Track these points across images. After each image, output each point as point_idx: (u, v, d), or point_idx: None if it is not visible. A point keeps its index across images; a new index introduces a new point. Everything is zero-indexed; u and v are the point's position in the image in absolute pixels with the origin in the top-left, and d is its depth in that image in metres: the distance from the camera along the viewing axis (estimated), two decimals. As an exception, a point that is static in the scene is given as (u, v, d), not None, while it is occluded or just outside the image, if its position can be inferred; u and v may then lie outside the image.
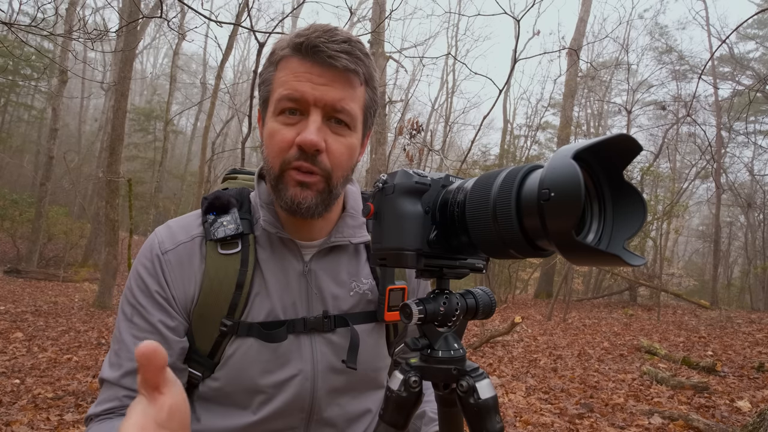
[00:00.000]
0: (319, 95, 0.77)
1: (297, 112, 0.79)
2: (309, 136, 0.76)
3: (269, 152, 0.81)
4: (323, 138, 0.78)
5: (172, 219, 0.91)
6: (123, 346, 0.81)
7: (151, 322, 0.81)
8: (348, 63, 0.77)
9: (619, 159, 0.51)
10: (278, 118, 0.80)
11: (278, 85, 0.80)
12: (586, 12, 16.70)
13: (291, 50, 0.79)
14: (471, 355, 6.24)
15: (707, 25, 16.58)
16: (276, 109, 0.80)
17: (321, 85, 0.78)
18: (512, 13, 4.18)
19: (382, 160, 8.31)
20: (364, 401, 0.93)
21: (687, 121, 11.13)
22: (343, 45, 0.77)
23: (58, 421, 3.35)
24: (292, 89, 0.78)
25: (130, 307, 0.83)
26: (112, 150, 9.10)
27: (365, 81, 0.83)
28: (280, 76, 0.80)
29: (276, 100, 0.80)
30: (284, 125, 0.79)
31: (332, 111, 0.79)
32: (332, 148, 0.80)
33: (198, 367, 0.85)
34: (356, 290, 0.91)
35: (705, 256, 23.21)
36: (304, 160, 0.78)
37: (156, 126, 22.63)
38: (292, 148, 0.79)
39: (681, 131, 16.38)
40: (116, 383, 0.79)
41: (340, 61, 0.77)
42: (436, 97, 23.84)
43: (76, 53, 8.50)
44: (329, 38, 0.76)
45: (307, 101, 0.78)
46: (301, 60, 0.78)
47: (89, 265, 15.19)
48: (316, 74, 0.78)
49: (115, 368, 0.80)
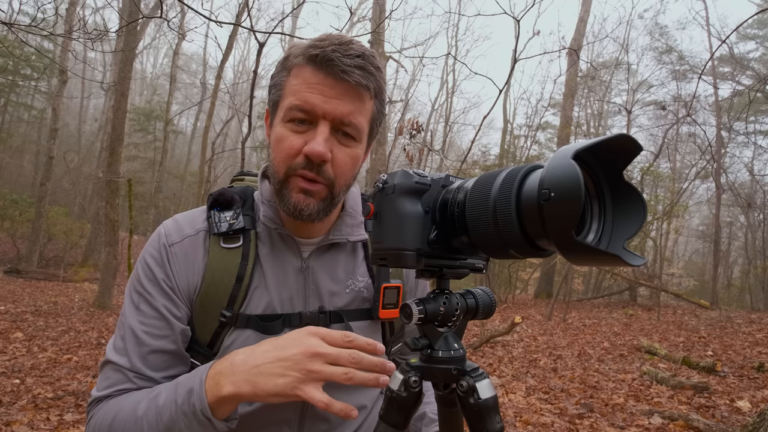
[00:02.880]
0: (330, 109, 0.79)
1: (306, 122, 0.81)
2: (317, 148, 0.78)
3: (276, 157, 0.83)
4: (329, 148, 0.80)
5: (180, 213, 0.94)
6: (129, 332, 0.84)
7: (157, 308, 0.84)
8: (360, 78, 0.79)
9: (619, 159, 0.51)
10: (287, 125, 0.82)
11: (290, 93, 0.82)
12: (586, 12, 16.70)
13: (305, 59, 0.80)
14: (471, 355, 6.24)
15: (707, 25, 16.59)
16: (285, 116, 0.82)
17: (332, 98, 0.79)
18: (512, 13, 4.17)
19: (382, 160, 8.31)
20: (358, 397, 0.94)
21: (687, 121, 11.12)
22: (357, 60, 0.78)
23: (58, 421, 3.34)
24: (303, 100, 0.79)
25: (137, 294, 0.86)
26: (112, 150, 9.09)
27: (375, 94, 0.85)
28: (293, 84, 0.82)
29: (286, 107, 0.81)
30: (292, 132, 0.81)
31: (340, 124, 0.81)
32: (337, 158, 0.82)
33: (198, 357, 0.87)
34: (352, 287, 0.93)
35: (705, 256, 23.21)
36: (310, 169, 0.80)
37: (156, 126, 22.62)
38: (299, 156, 0.80)
39: (681, 131, 16.39)
40: (125, 367, 0.82)
41: (353, 76, 0.78)
42: (436, 97, 23.89)
43: (76, 53, 8.50)
44: (344, 52, 0.77)
45: (316, 113, 0.79)
46: (314, 70, 0.79)
47: (89, 265, 15.17)
48: (328, 86, 0.79)
49: (122, 353, 0.83)
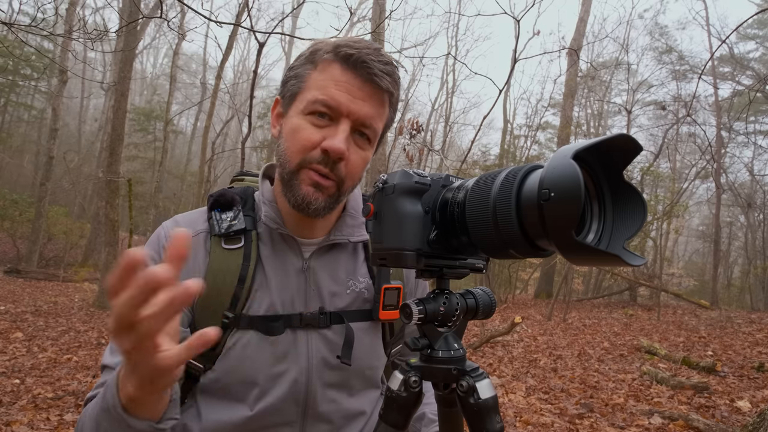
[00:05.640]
0: (355, 108, 0.80)
1: (327, 117, 0.81)
2: (338, 145, 0.79)
3: (290, 146, 0.83)
4: (347, 147, 0.81)
5: (180, 214, 0.93)
6: None
7: None
8: (389, 85, 0.81)
9: (619, 159, 0.51)
10: (307, 117, 0.82)
11: (314, 87, 0.82)
12: (586, 12, 16.70)
13: (336, 56, 0.81)
14: (471, 355, 6.24)
15: (707, 25, 16.59)
16: (306, 109, 0.82)
17: (358, 99, 0.80)
18: (512, 13, 4.17)
19: (382, 160, 8.31)
20: (359, 400, 0.94)
21: (687, 121, 11.12)
22: (387, 67, 0.80)
23: (58, 421, 3.34)
24: (329, 96, 0.80)
25: None
26: (112, 150, 9.10)
27: (392, 102, 0.87)
28: (319, 79, 0.82)
29: (310, 100, 0.81)
30: (312, 125, 0.81)
31: (361, 125, 0.82)
32: (351, 159, 0.83)
33: (200, 359, 0.86)
34: (353, 288, 0.93)
35: (705, 256, 23.21)
36: (325, 165, 0.81)
37: (156, 126, 22.58)
38: (315, 149, 0.81)
39: (681, 131, 16.40)
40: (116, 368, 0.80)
41: (383, 81, 0.80)
42: (436, 97, 23.91)
43: (76, 53, 8.50)
44: (377, 57, 0.79)
45: (340, 111, 0.80)
46: (343, 69, 0.80)
47: (89, 265, 15.17)
48: (357, 87, 0.80)
49: (116, 355, 0.82)
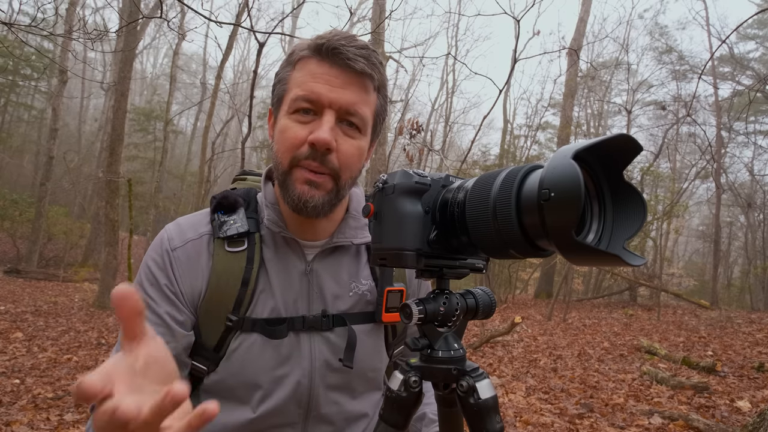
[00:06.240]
0: (335, 97, 0.79)
1: (311, 112, 0.81)
2: (322, 135, 0.78)
3: (279, 148, 0.83)
4: (334, 138, 0.80)
5: (182, 216, 0.93)
6: None
7: (159, 314, 0.83)
8: (365, 67, 0.80)
9: (619, 159, 0.51)
10: (292, 116, 0.82)
11: (295, 85, 0.82)
12: (586, 12, 16.69)
13: (310, 51, 0.81)
14: (471, 355, 6.24)
15: (707, 25, 16.57)
16: (290, 108, 0.82)
17: (337, 87, 0.80)
18: (512, 13, 4.18)
19: (382, 160, 8.31)
20: (362, 402, 0.93)
21: (687, 121, 11.12)
22: (361, 50, 0.80)
23: (58, 421, 3.34)
24: (308, 90, 0.80)
25: None
26: (112, 150, 9.10)
27: (378, 88, 0.85)
28: (297, 77, 0.82)
29: (291, 99, 0.82)
30: (297, 123, 0.81)
31: (345, 114, 0.81)
32: (342, 149, 0.82)
33: (204, 361, 0.86)
34: (355, 291, 0.92)
35: (705, 256, 23.20)
36: (314, 159, 0.80)
37: (156, 126, 22.56)
38: (303, 145, 0.80)
39: (681, 131, 16.39)
40: None
41: (358, 63, 0.79)
42: (436, 97, 23.89)
43: (76, 53, 8.50)
44: (349, 42, 0.79)
45: (322, 102, 0.80)
46: (319, 61, 0.80)
47: (89, 265, 15.18)
48: (334, 76, 0.80)
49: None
